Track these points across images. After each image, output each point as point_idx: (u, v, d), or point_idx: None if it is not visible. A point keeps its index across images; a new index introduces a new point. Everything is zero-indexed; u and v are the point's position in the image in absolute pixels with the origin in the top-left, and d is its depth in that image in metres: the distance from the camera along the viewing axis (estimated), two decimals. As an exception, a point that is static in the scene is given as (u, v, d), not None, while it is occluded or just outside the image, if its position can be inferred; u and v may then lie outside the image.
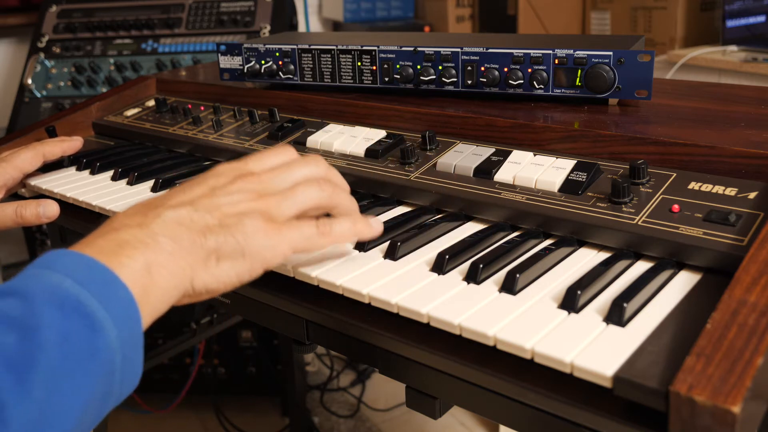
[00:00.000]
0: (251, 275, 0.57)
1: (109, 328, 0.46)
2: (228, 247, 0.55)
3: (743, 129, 0.71)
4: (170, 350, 1.43)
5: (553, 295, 0.57)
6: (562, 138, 0.76)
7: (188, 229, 0.55)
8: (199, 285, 0.55)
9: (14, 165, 0.90)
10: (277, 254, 0.58)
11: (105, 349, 0.46)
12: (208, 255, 0.55)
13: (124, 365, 0.47)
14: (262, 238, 0.57)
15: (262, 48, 1.02)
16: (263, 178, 0.61)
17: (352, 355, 0.65)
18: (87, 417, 0.45)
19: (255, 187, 0.60)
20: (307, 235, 0.59)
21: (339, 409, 1.98)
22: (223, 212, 0.57)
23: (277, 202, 0.59)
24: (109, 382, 0.46)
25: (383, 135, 0.86)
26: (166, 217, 0.55)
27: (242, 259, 0.56)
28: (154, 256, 0.52)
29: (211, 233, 0.55)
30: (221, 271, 0.56)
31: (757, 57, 1.76)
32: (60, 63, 1.80)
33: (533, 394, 0.50)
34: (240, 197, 0.58)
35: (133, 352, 0.48)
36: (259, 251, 0.57)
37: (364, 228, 0.64)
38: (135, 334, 0.48)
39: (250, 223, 0.57)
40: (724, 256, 0.56)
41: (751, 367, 0.42)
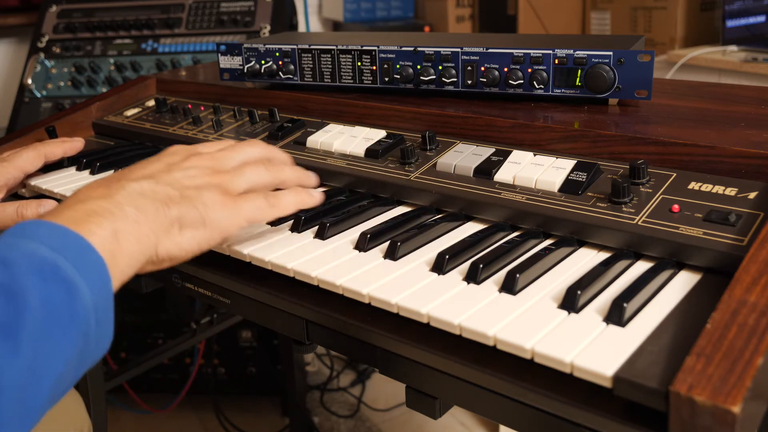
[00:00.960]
0: (209, 243, 0.62)
1: (85, 292, 0.49)
2: (190, 217, 0.60)
3: (743, 129, 0.71)
4: (170, 350, 1.43)
5: (553, 295, 0.57)
6: (562, 138, 0.76)
7: (151, 200, 0.59)
8: (163, 252, 0.59)
9: (15, 165, 0.90)
10: (234, 224, 0.64)
11: (82, 311, 0.49)
12: (171, 224, 0.59)
13: (98, 327, 0.50)
14: (220, 209, 0.62)
15: (262, 48, 1.02)
16: (215, 156, 0.68)
17: (352, 355, 0.65)
18: (66, 376, 0.48)
19: (208, 164, 0.66)
20: (258, 206, 0.65)
21: (339, 409, 1.98)
22: (182, 185, 0.62)
23: (230, 178, 0.65)
24: (86, 342, 0.49)
25: (383, 135, 0.86)
26: (130, 189, 0.59)
27: (203, 228, 0.61)
28: (120, 224, 0.55)
29: (174, 203, 0.60)
30: (183, 239, 0.60)
31: (757, 57, 1.76)
32: (60, 63, 1.80)
33: (533, 394, 0.50)
34: (196, 172, 0.64)
35: (106, 314, 0.51)
36: (218, 221, 0.62)
37: (306, 198, 0.71)
38: (107, 297, 0.52)
39: (209, 195, 0.62)
40: (724, 256, 0.56)
41: (751, 367, 0.42)
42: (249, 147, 0.71)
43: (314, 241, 0.71)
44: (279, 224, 0.76)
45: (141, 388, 1.85)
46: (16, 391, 0.44)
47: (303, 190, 0.71)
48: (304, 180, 0.74)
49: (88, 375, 1.17)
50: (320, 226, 0.72)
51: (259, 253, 0.69)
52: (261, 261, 0.69)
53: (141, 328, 1.85)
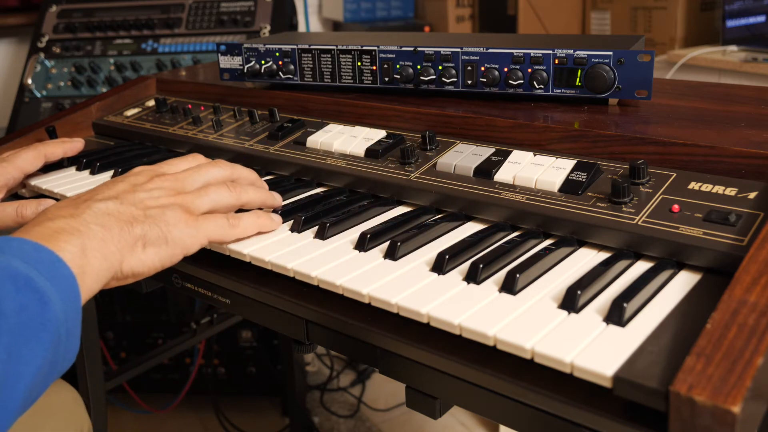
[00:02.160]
0: (172, 261, 0.65)
1: (56, 302, 0.52)
2: (153, 235, 0.63)
3: (743, 129, 0.71)
4: (170, 350, 1.43)
5: (553, 295, 0.57)
6: (562, 138, 0.76)
7: (117, 219, 0.62)
8: (127, 268, 0.62)
9: (15, 165, 0.90)
10: (196, 242, 0.66)
11: (53, 321, 0.51)
12: (135, 242, 0.62)
13: (67, 337, 0.53)
14: (183, 228, 0.65)
15: (262, 48, 1.02)
16: (178, 177, 0.70)
17: (352, 355, 0.65)
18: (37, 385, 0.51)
19: (172, 185, 0.69)
20: (220, 225, 0.68)
21: (339, 409, 1.98)
22: (146, 205, 0.65)
23: (192, 198, 0.68)
24: (56, 352, 0.52)
25: (383, 135, 0.86)
26: (96, 208, 0.62)
27: (165, 246, 0.64)
28: (88, 241, 0.58)
29: (138, 222, 0.63)
30: (146, 257, 0.63)
31: (757, 57, 1.76)
32: (60, 63, 1.80)
33: (533, 394, 0.50)
34: (159, 193, 0.67)
35: (74, 326, 0.54)
36: (180, 239, 0.65)
37: (267, 222, 0.73)
38: (76, 309, 0.54)
39: (171, 214, 0.65)
40: (724, 256, 0.56)
41: (751, 367, 0.42)
42: (213, 168, 0.74)
43: (314, 241, 0.71)
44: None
45: (141, 388, 1.85)
46: None
47: (264, 214, 0.74)
48: (268, 201, 0.76)
49: (88, 375, 1.17)
50: (320, 226, 0.72)
51: (259, 253, 0.69)
52: (261, 261, 0.69)
53: (141, 328, 1.85)
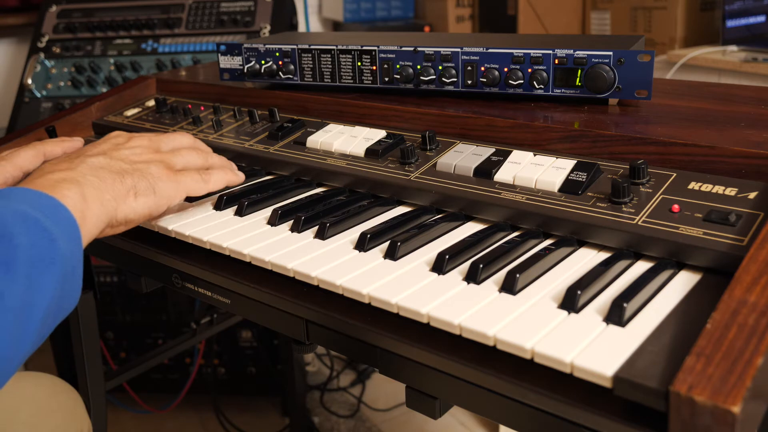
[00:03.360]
0: (159, 210, 0.73)
1: (62, 241, 0.57)
2: (142, 186, 0.71)
3: (743, 129, 0.71)
4: (170, 350, 1.43)
5: (553, 295, 0.57)
6: (562, 138, 0.76)
7: (109, 171, 0.69)
8: (121, 215, 0.68)
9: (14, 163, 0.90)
10: (177, 195, 0.74)
11: (60, 257, 0.57)
12: (128, 191, 0.69)
13: (72, 275, 0.59)
14: (166, 180, 0.73)
15: (262, 48, 1.02)
16: (152, 139, 0.80)
17: (352, 355, 0.65)
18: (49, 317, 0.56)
19: (149, 145, 0.78)
20: (195, 179, 0.77)
21: (339, 409, 1.98)
22: (131, 160, 0.73)
23: (169, 156, 0.77)
24: (63, 288, 0.57)
25: (383, 135, 0.86)
26: (90, 162, 0.69)
27: (153, 196, 0.72)
28: (86, 189, 0.65)
29: (128, 174, 0.70)
30: (137, 205, 0.70)
31: (757, 57, 1.76)
32: (60, 63, 1.80)
33: (533, 394, 0.50)
34: (140, 150, 0.76)
35: (77, 265, 0.60)
36: (165, 190, 0.73)
37: (233, 177, 0.82)
38: (78, 250, 0.60)
39: (155, 168, 0.74)
40: (724, 256, 0.56)
41: (751, 367, 0.42)
42: (180, 136, 0.84)
43: (314, 241, 0.71)
44: (279, 224, 0.76)
45: (141, 388, 1.85)
46: (16, 313, 0.52)
47: (230, 170, 0.83)
48: (229, 164, 0.85)
49: (88, 375, 1.17)
50: (320, 226, 0.72)
51: (259, 253, 0.69)
52: (261, 261, 0.69)
53: (141, 328, 1.85)
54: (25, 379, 1.00)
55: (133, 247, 0.84)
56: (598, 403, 0.48)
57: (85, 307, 1.13)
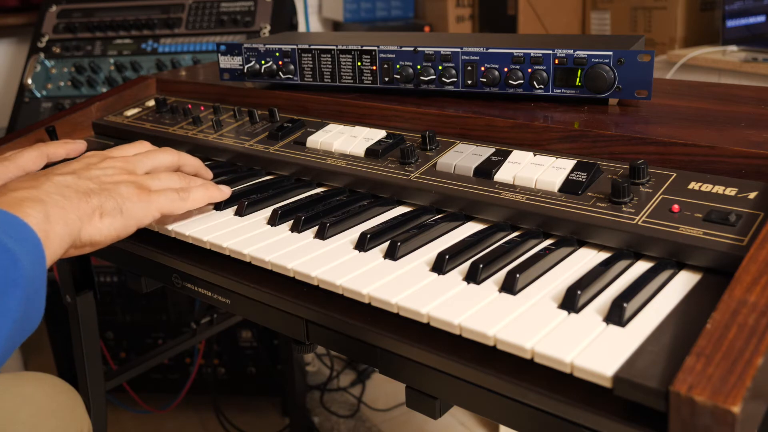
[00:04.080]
0: (126, 231, 0.70)
1: (25, 262, 0.56)
2: (108, 206, 0.69)
3: (743, 129, 0.71)
4: (170, 350, 1.43)
5: (553, 295, 0.57)
6: (562, 138, 0.76)
7: (75, 191, 0.67)
8: (86, 236, 0.66)
9: (18, 164, 0.90)
10: (148, 214, 0.72)
11: (24, 278, 0.55)
12: (93, 211, 0.67)
13: (35, 296, 0.57)
14: (136, 201, 0.71)
15: (262, 48, 1.02)
16: (129, 159, 0.77)
17: (352, 355, 0.65)
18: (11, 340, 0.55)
19: (124, 166, 0.75)
20: (171, 198, 0.74)
21: (339, 409, 1.98)
22: (101, 180, 0.71)
23: (143, 178, 0.75)
24: (27, 309, 0.56)
25: (383, 135, 0.86)
26: (55, 181, 0.67)
27: (120, 217, 0.69)
28: (50, 209, 0.63)
29: (94, 194, 0.68)
30: (103, 226, 0.68)
31: (757, 57, 1.76)
32: (60, 63, 1.80)
33: (533, 394, 0.50)
34: (112, 171, 0.73)
35: (41, 286, 0.58)
36: (134, 210, 0.71)
37: (215, 193, 0.79)
38: (41, 271, 0.59)
39: (125, 188, 0.71)
40: (724, 256, 0.56)
41: (751, 367, 0.42)
42: (161, 154, 0.80)
43: (314, 241, 0.71)
44: (279, 224, 0.76)
45: (141, 388, 1.85)
46: None
47: (212, 185, 0.80)
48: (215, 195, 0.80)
49: (88, 375, 1.17)
50: (320, 226, 0.72)
51: (259, 253, 0.69)
52: (261, 261, 0.69)
53: (141, 328, 1.85)
54: (25, 379, 1.00)
55: (133, 247, 0.84)
56: (598, 403, 0.48)
57: (85, 307, 1.13)
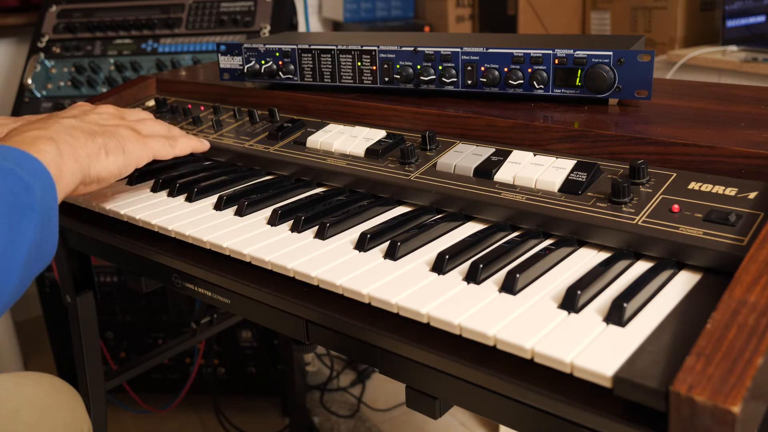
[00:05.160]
0: (127, 170, 0.78)
1: (37, 190, 0.61)
2: (112, 145, 0.76)
3: (743, 129, 0.71)
4: (170, 350, 1.43)
5: (553, 295, 0.57)
6: (562, 138, 0.76)
7: (81, 131, 0.74)
8: (94, 173, 0.73)
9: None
10: (144, 155, 0.80)
11: (37, 204, 0.60)
12: (99, 150, 0.74)
13: (49, 224, 0.62)
14: (134, 142, 0.79)
15: (262, 48, 1.02)
16: (119, 108, 0.85)
17: (352, 355, 0.65)
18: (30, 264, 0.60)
19: (115, 113, 0.84)
20: (162, 143, 0.83)
21: (339, 409, 1.98)
22: (100, 123, 0.78)
23: (135, 123, 0.83)
24: (42, 234, 0.61)
25: (383, 135, 0.86)
26: (63, 123, 0.74)
27: (122, 155, 0.77)
28: (62, 146, 0.69)
29: (98, 135, 0.75)
30: (108, 163, 0.75)
31: (757, 57, 1.76)
32: (60, 63, 1.80)
33: (533, 394, 0.50)
34: (108, 117, 0.81)
35: (54, 216, 0.63)
36: (133, 151, 0.78)
37: (197, 144, 0.90)
38: (53, 201, 0.64)
39: (124, 131, 0.79)
40: (724, 256, 0.56)
41: (751, 367, 0.42)
42: (142, 111, 0.90)
43: (314, 241, 0.71)
44: (279, 224, 0.76)
45: (141, 388, 1.85)
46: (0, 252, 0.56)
47: (195, 138, 0.90)
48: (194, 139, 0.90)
49: (88, 375, 1.17)
50: (320, 226, 0.72)
51: (259, 253, 0.69)
52: (261, 261, 0.69)
53: (141, 328, 1.85)
54: (25, 379, 1.00)
55: (133, 247, 0.84)
56: (598, 403, 0.48)
57: (85, 307, 1.13)
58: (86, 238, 0.98)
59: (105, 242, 0.88)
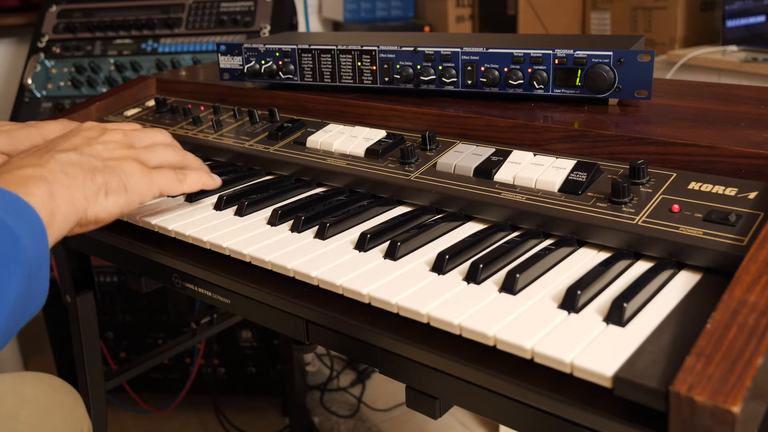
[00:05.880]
0: (130, 208, 0.71)
1: (25, 240, 0.55)
2: (113, 184, 0.69)
3: (743, 129, 0.71)
4: (170, 350, 1.43)
5: (553, 295, 0.57)
6: (562, 138, 0.76)
7: (80, 168, 0.67)
8: (91, 215, 0.67)
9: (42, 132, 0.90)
10: (149, 192, 0.73)
11: (24, 255, 0.55)
12: (98, 190, 0.67)
13: (38, 275, 0.57)
14: (139, 178, 0.71)
15: (262, 48, 1.02)
16: (128, 133, 0.77)
17: (352, 355, 0.65)
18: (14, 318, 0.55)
19: (123, 140, 0.75)
20: (170, 179, 0.75)
21: (339, 409, 1.98)
22: (103, 156, 0.71)
23: (144, 153, 0.75)
24: (29, 287, 0.56)
25: (383, 135, 0.86)
26: (59, 159, 0.67)
27: (124, 194, 0.70)
28: (55, 187, 0.63)
29: (99, 172, 0.68)
30: (108, 204, 0.68)
31: (757, 57, 1.76)
32: (60, 63, 1.79)
33: (533, 394, 0.50)
34: (114, 146, 0.73)
35: (43, 265, 0.58)
36: (137, 187, 0.71)
37: (208, 180, 0.81)
38: (44, 249, 0.58)
39: (128, 165, 0.71)
40: (724, 256, 0.56)
41: (751, 367, 0.42)
42: (156, 133, 0.81)
43: (314, 241, 0.71)
44: (279, 224, 0.76)
45: (141, 388, 1.85)
46: None
47: (206, 173, 0.81)
48: (204, 167, 0.83)
49: (88, 375, 1.17)
50: (320, 226, 0.72)
51: (259, 253, 0.69)
52: (261, 261, 0.69)
53: (141, 328, 1.85)
54: (25, 379, 1.00)
55: (133, 247, 0.84)
56: (598, 403, 0.48)
57: (85, 307, 1.13)
58: (86, 238, 0.98)
59: (105, 242, 0.88)
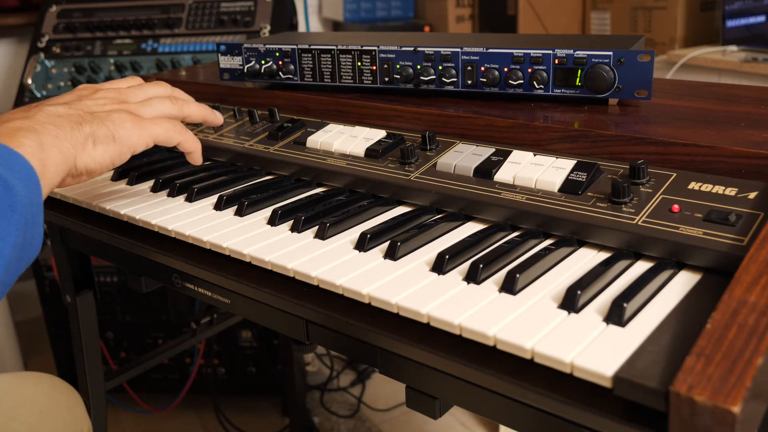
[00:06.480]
0: (120, 158, 0.71)
1: (19, 188, 0.57)
2: (101, 133, 0.69)
3: (743, 129, 0.71)
4: (170, 350, 1.43)
5: (553, 295, 0.57)
6: (562, 138, 0.76)
7: (67, 119, 0.68)
8: (81, 164, 0.68)
9: None
10: (141, 141, 0.72)
11: (19, 204, 0.56)
12: (86, 139, 0.68)
13: (33, 223, 0.59)
14: (129, 127, 0.71)
15: (262, 48, 1.02)
16: (122, 91, 0.77)
17: (352, 355, 0.65)
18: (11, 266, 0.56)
19: (116, 96, 0.76)
20: (165, 128, 0.75)
21: (339, 409, 1.98)
22: (93, 110, 0.71)
23: (137, 106, 0.75)
24: (25, 236, 0.57)
25: (383, 135, 0.86)
26: (48, 111, 0.68)
27: (113, 143, 0.70)
28: (44, 137, 0.64)
29: (86, 122, 0.69)
30: (97, 153, 0.69)
31: (757, 57, 1.76)
32: (60, 63, 1.80)
33: (533, 394, 0.50)
34: (105, 101, 0.74)
35: (38, 213, 0.60)
36: (127, 137, 0.71)
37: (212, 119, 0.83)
38: (38, 197, 0.60)
39: (117, 115, 0.71)
40: (724, 256, 0.56)
41: (751, 367, 0.42)
42: (154, 86, 0.80)
43: (314, 241, 0.71)
44: (279, 224, 0.76)
45: (141, 388, 1.85)
46: None
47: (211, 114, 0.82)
48: (209, 116, 0.83)
49: (88, 375, 1.17)
50: (320, 226, 0.72)
51: (259, 253, 0.69)
52: (261, 261, 0.69)
53: (141, 328, 1.85)
54: (25, 379, 1.00)
55: (133, 247, 0.84)
56: (598, 403, 0.47)
57: (85, 307, 1.13)
58: (86, 238, 0.98)
59: (105, 242, 0.88)
